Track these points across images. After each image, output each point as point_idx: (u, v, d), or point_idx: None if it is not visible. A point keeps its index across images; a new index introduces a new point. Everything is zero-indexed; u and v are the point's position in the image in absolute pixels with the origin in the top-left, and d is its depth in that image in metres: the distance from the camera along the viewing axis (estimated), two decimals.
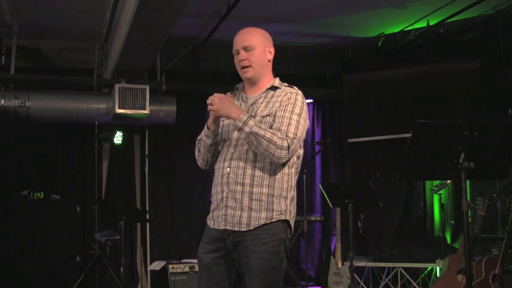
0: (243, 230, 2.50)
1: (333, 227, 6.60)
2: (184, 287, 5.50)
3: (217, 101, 2.53)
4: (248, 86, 2.72)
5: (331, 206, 5.58)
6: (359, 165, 7.21)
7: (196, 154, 2.75)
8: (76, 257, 5.94)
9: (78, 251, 6.04)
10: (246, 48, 2.62)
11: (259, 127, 2.47)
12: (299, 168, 2.69)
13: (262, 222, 2.50)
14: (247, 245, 2.50)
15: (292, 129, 2.51)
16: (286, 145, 2.47)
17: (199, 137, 2.72)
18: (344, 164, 7.20)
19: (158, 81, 6.38)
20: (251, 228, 2.50)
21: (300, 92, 2.65)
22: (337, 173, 7.18)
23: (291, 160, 2.59)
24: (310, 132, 7.16)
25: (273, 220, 2.52)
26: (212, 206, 2.65)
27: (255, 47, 2.63)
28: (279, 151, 2.46)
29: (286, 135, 2.49)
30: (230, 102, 2.55)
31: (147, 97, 5.85)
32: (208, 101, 2.56)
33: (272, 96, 2.63)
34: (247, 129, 2.46)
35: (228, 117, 2.55)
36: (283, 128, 2.50)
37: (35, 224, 5.61)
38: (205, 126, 2.66)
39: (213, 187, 2.66)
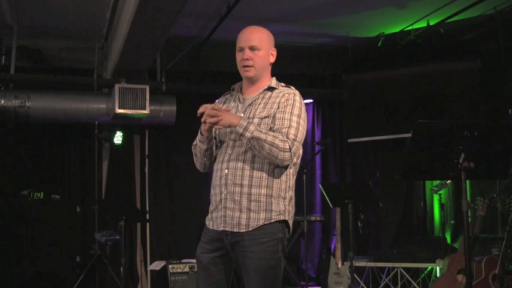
0: (242, 231, 2.51)
1: (333, 227, 6.60)
2: (184, 287, 5.50)
3: (221, 114, 2.48)
4: (246, 86, 2.71)
5: (331, 206, 5.58)
6: (359, 165, 7.20)
7: (194, 159, 2.76)
8: (76, 257, 5.93)
9: (78, 251, 6.02)
10: (252, 48, 2.61)
11: (260, 131, 2.46)
12: (298, 168, 2.69)
13: (261, 223, 2.51)
14: (245, 245, 2.50)
15: (292, 131, 2.51)
16: (288, 147, 2.47)
17: (194, 143, 2.72)
18: (344, 164, 7.20)
19: (158, 81, 6.38)
20: (250, 229, 2.50)
21: (297, 92, 2.65)
22: (337, 173, 7.17)
23: None
24: (310, 132, 7.16)
25: (272, 221, 2.52)
26: (211, 207, 2.65)
27: (261, 48, 2.62)
28: (282, 153, 2.46)
29: (287, 137, 2.48)
30: (227, 111, 2.55)
31: (147, 97, 5.84)
32: (210, 115, 2.48)
33: (270, 97, 2.63)
34: (248, 134, 2.45)
35: (229, 126, 2.52)
36: (283, 130, 2.50)
37: (35, 224, 5.61)
38: (199, 133, 2.64)
39: (211, 188, 2.66)
